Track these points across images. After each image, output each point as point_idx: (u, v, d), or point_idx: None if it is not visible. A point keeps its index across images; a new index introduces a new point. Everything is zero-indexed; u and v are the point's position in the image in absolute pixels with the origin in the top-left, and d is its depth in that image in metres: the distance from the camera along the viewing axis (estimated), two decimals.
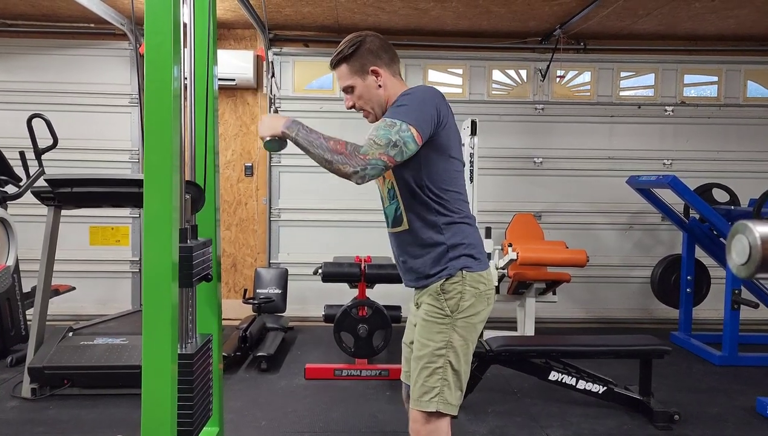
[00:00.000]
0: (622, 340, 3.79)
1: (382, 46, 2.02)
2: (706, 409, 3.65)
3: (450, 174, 1.95)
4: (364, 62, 1.99)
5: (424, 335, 1.95)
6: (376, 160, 1.78)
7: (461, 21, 5.24)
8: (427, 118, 1.85)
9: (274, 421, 3.38)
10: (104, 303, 5.58)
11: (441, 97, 1.94)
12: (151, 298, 1.76)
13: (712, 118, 5.83)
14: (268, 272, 5.27)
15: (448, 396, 1.91)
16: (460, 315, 1.93)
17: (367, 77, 2.00)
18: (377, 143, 1.78)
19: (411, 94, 1.89)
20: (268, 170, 5.70)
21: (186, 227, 2.05)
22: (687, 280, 5.03)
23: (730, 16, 4.95)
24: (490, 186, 5.53)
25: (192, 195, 2.16)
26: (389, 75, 2.02)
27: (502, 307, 5.27)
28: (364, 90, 2.02)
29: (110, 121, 5.62)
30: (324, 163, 1.80)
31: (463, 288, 1.93)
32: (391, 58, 2.03)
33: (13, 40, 5.55)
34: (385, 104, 2.02)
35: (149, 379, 1.76)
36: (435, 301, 1.94)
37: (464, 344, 1.94)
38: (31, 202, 4.07)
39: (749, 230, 1.30)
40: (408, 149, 1.81)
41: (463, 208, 1.99)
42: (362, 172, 1.78)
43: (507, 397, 3.80)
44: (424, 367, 1.93)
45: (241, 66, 5.43)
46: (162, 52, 1.76)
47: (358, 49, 1.99)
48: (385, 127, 1.81)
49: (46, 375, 3.58)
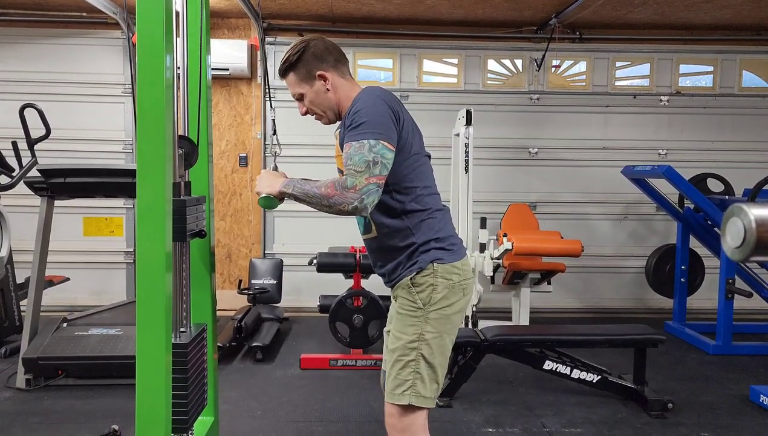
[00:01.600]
0: (617, 329, 3.81)
1: (326, 49, 2.00)
2: (699, 397, 3.67)
3: (414, 171, 1.94)
4: (310, 68, 1.98)
5: (398, 327, 1.95)
6: (367, 187, 1.77)
7: (456, 10, 5.22)
8: (388, 124, 1.83)
9: (269, 411, 3.39)
10: (98, 294, 5.56)
11: (389, 96, 1.92)
12: (144, 287, 1.76)
13: (708, 108, 5.83)
14: (263, 262, 5.27)
15: (422, 389, 1.89)
16: (433, 307, 1.91)
17: (315, 83, 1.99)
18: (358, 171, 1.77)
19: (362, 109, 1.84)
20: (263, 161, 5.68)
21: (179, 182, 2.03)
22: (681, 270, 5.05)
23: (726, 5, 4.94)
24: (485, 176, 5.53)
25: (185, 150, 2.14)
26: (337, 76, 2.00)
27: (497, 297, 5.30)
28: (313, 96, 2.00)
29: (103, 111, 5.59)
30: (325, 209, 1.82)
31: (434, 280, 1.92)
32: (337, 60, 2.01)
33: (5, 30, 5.50)
34: (336, 107, 2.01)
35: (143, 368, 1.75)
36: (407, 294, 1.94)
37: (438, 337, 1.92)
38: (24, 193, 4.04)
39: (744, 212, 1.29)
40: (387, 160, 1.81)
41: (430, 202, 1.98)
42: (360, 204, 1.77)
43: (502, 386, 3.81)
44: (397, 360, 1.92)
45: (235, 55, 5.39)
46: (154, 41, 1.75)
47: (302, 55, 1.97)
48: (357, 152, 1.79)
49: (41, 366, 3.58)
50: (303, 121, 2.24)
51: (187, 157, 2.16)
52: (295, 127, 5.33)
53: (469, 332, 3.63)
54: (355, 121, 1.84)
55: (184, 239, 2.02)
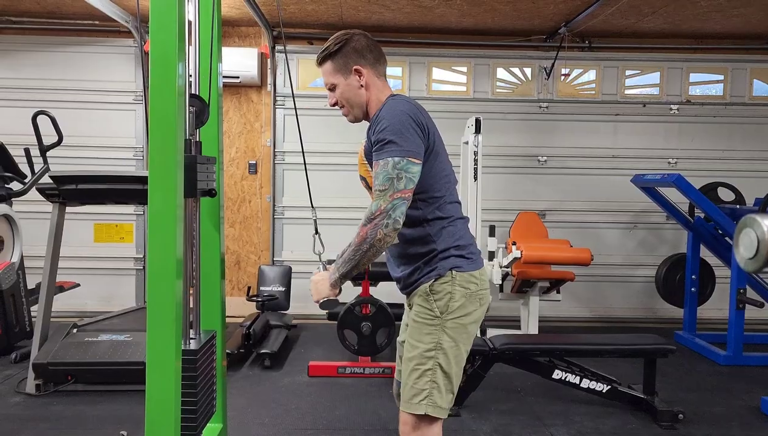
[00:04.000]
0: (626, 339, 3.78)
1: (367, 46, 2.00)
2: (710, 408, 3.64)
3: (440, 180, 1.94)
4: (348, 60, 1.98)
5: (414, 336, 1.94)
6: (392, 202, 1.78)
7: (466, 19, 5.23)
8: (413, 139, 1.83)
9: (277, 418, 3.39)
10: (108, 300, 5.59)
11: (413, 108, 1.91)
12: (155, 294, 1.76)
13: (718, 116, 5.80)
14: (272, 269, 5.28)
15: (438, 399, 1.88)
16: (450, 316, 1.91)
17: (350, 76, 1.99)
18: (382, 190, 1.79)
19: (388, 127, 1.83)
20: (272, 168, 5.70)
21: (190, 139, 2.03)
22: (692, 279, 5.01)
23: (736, 14, 4.93)
24: (494, 184, 5.53)
25: (196, 108, 2.12)
26: (373, 75, 2.01)
27: (506, 305, 5.28)
28: (346, 88, 2.01)
29: (114, 118, 5.63)
30: (373, 252, 1.82)
31: (452, 288, 1.91)
32: (376, 59, 2.02)
33: (19, 37, 5.57)
34: (365, 105, 2.01)
35: (153, 374, 1.76)
36: (424, 302, 1.93)
37: (454, 346, 1.91)
38: (36, 199, 4.09)
39: (758, 223, 1.29)
40: (412, 174, 1.81)
41: (452, 210, 1.98)
42: (390, 219, 1.78)
43: (510, 395, 3.79)
44: (413, 369, 1.91)
45: (245, 63, 5.42)
46: (167, 49, 1.76)
47: (343, 47, 1.98)
48: (382, 171, 1.80)
49: (51, 371, 3.60)
50: (315, 129, 2.24)
51: (198, 116, 2.12)
52: (307, 135, 5.33)
53: (477, 340, 3.61)
54: (381, 138, 1.84)
55: (195, 194, 2.00)
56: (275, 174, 5.72)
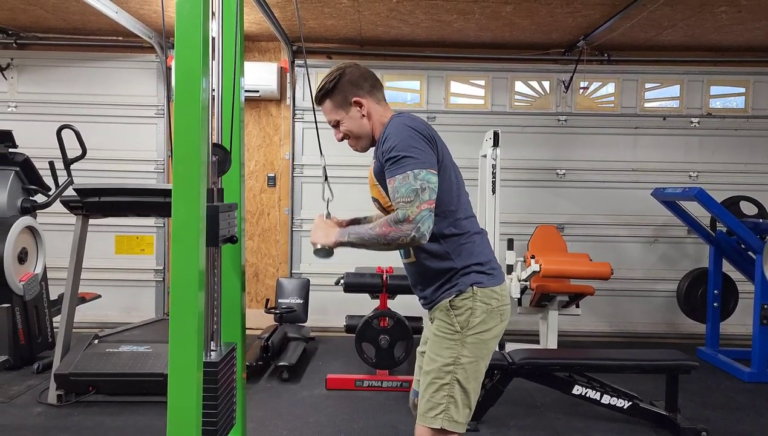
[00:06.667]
0: (648, 354, 3.73)
1: (362, 75, 2.03)
2: (734, 426, 3.57)
3: (451, 194, 1.95)
4: (346, 94, 2.01)
5: (434, 350, 1.94)
6: (420, 214, 1.78)
7: (484, 33, 5.25)
8: (426, 150, 1.85)
9: (295, 431, 3.39)
10: (128, 311, 5.65)
11: (418, 122, 1.92)
12: (178, 305, 1.78)
13: (740, 129, 5.74)
14: (290, 281, 5.30)
15: (454, 414, 1.88)
16: (471, 332, 1.91)
17: (351, 109, 2.02)
18: (408, 201, 1.79)
19: (397, 144, 1.84)
20: (291, 181, 5.74)
21: (212, 188, 2.07)
22: (714, 294, 4.94)
23: (758, 27, 4.89)
24: (512, 198, 5.51)
25: (219, 157, 2.16)
26: (373, 103, 2.03)
27: (525, 319, 5.24)
28: (349, 122, 2.04)
29: (137, 131, 5.72)
30: (384, 248, 1.85)
31: (473, 304, 1.91)
32: (372, 86, 2.04)
33: (45, 53, 5.69)
34: (371, 133, 2.04)
35: (175, 385, 1.77)
36: (445, 316, 1.94)
37: (474, 361, 1.91)
38: (59, 211, 4.15)
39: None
40: (434, 184, 1.82)
41: (468, 226, 1.98)
42: (418, 233, 1.78)
43: (530, 410, 3.76)
44: (431, 382, 1.91)
45: (265, 77, 5.48)
46: (191, 64, 1.80)
47: (338, 82, 2.01)
48: (404, 184, 1.80)
49: (72, 382, 3.63)
50: (333, 142, 2.27)
51: (220, 165, 2.18)
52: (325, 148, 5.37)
53: (496, 354, 3.59)
54: (393, 156, 1.84)
55: (217, 243, 2.04)
56: (294, 187, 5.76)
